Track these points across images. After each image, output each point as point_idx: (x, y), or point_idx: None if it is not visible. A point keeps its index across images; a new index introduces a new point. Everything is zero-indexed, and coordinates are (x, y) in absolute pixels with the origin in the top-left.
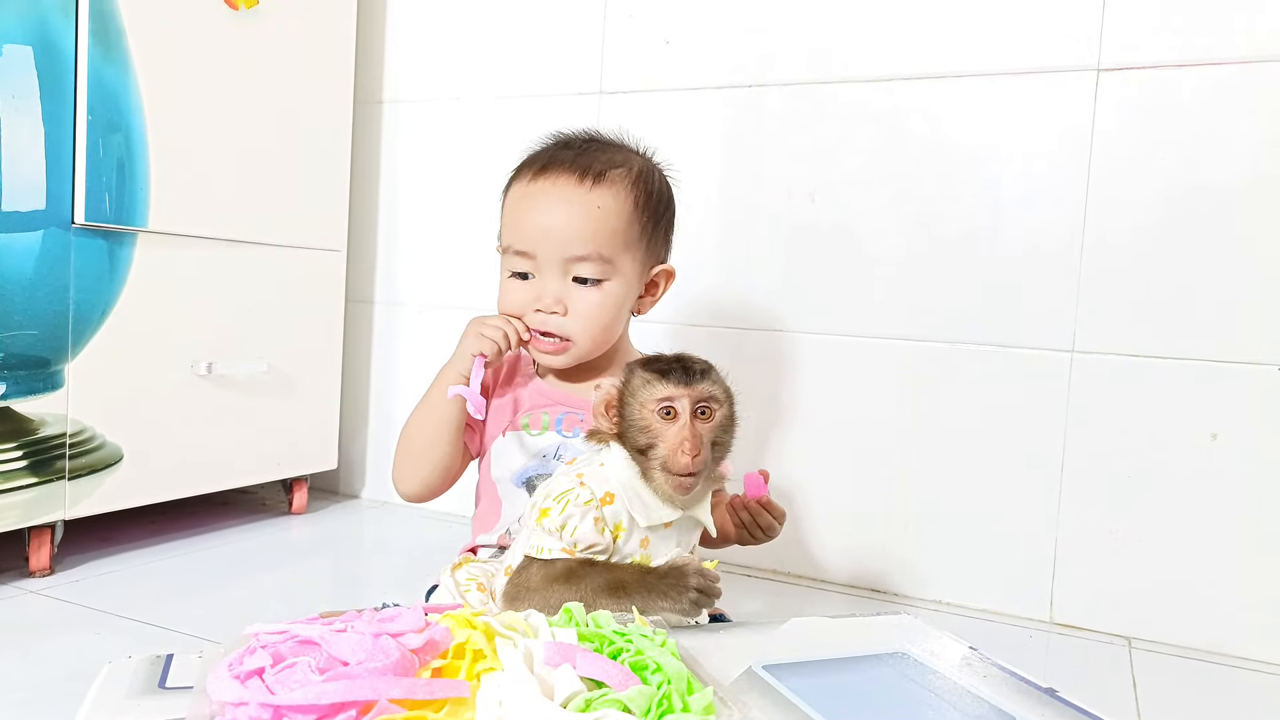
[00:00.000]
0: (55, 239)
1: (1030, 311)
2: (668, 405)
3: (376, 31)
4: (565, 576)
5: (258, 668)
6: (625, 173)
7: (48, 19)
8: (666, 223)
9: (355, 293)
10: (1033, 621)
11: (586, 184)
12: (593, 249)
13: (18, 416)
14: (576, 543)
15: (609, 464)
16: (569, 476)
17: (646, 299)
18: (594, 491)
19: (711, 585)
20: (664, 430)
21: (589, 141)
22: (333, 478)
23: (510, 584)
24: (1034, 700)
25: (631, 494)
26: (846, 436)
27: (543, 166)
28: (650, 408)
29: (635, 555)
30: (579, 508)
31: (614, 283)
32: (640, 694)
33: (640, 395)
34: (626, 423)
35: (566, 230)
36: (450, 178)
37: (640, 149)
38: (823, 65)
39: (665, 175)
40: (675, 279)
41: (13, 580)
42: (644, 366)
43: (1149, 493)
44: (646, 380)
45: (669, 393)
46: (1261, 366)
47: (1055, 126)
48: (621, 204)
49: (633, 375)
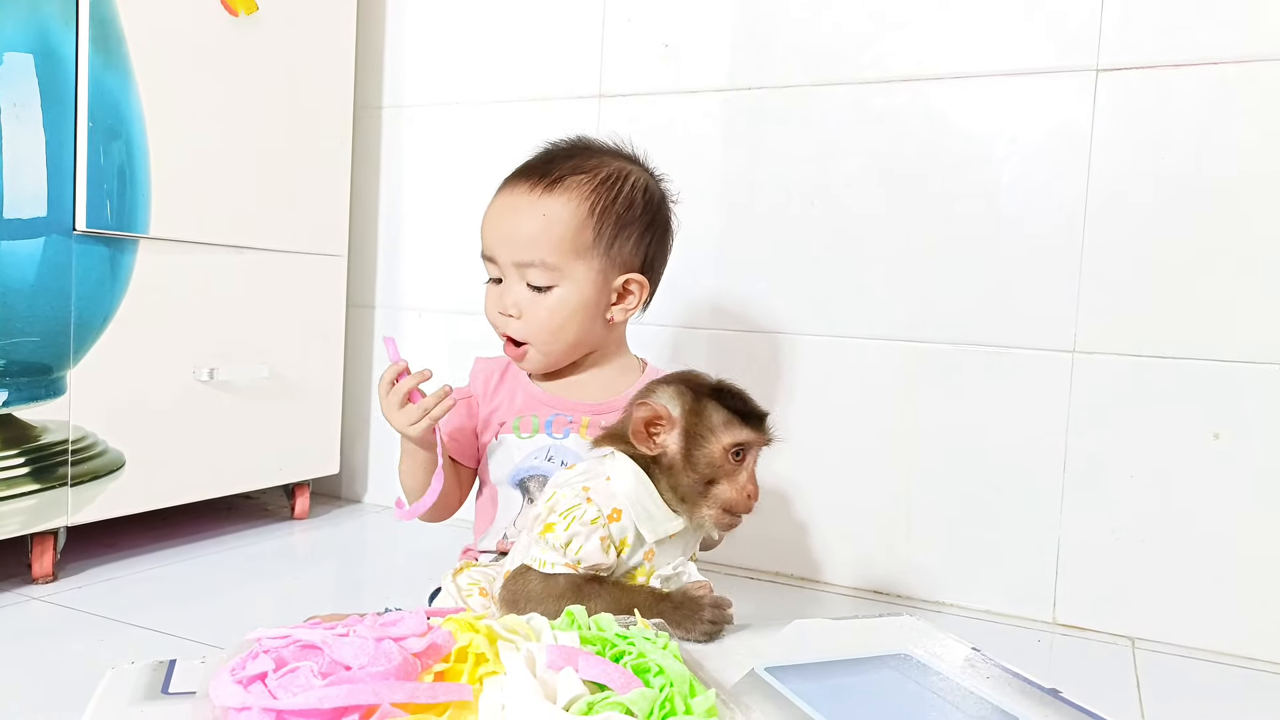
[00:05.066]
0: (57, 246)
1: (1031, 312)
2: (742, 449)
3: (376, 37)
4: (572, 593)
5: (260, 672)
6: (588, 179)
7: (48, 27)
8: (640, 230)
9: (356, 297)
10: (1035, 622)
11: (537, 191)
12: (536, 255)
13: (20, 423)
14: (580, 561)
15: (615, 476)
16: (575, 491)
17: (618, 307)
18: (601, 509)
19: (724, 614)
20: (733, 472)
21: (575, 148)
22: (335, 483)
23: (508, 590)
24: (1037, 701)
25: (639, 509)
26: (848, 438)
27: (510, 177)
28: (726, 446)
29: (640, 564)
30: (585, 526)
31: (563, 289)
32: (643, 696)
33: (720, 434)
34: (692, 454)
35: (514, 237)
36: (450, 182)
37: (632, 154)
38: (821, 67)
39: (654, 183)
40: (649, 292)
41: (16, 587)
42: (718, 400)
43: (1151, 493)
44: (728, 421)
45: (748, 439)
46: (1263, 365)
47: (1054, 127)
48: (573, 210)
49: (707, 407)
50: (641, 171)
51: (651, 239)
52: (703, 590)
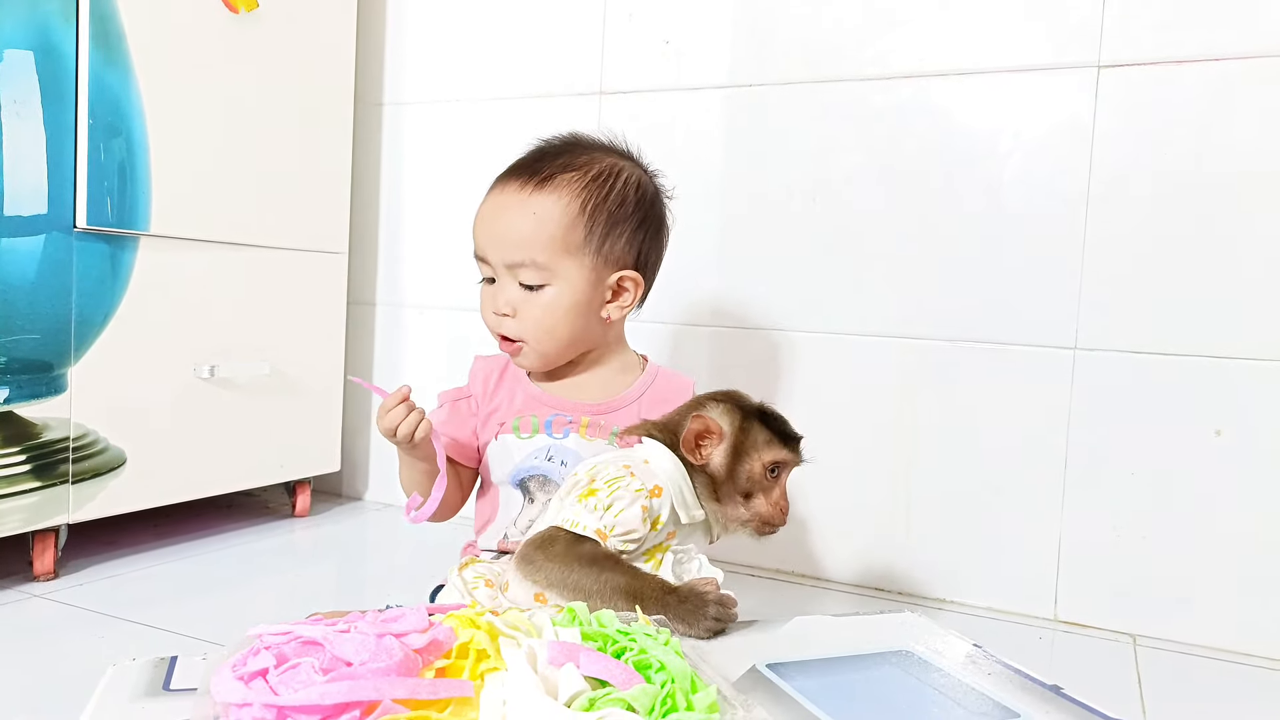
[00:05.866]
0: (57, 243)
1: (1032, 309)
2: (778, 467)
3: (376, 33)
4: (589, 560)
5: (261, 669)
6: (579, 176)
7: (49, 24)
8: (634, 226)
9: (357, 295)
10: (1037, 619)
11: (527, 190)
12: (526, 255)
13: (21, 421)
14: (615, 525)
15: (654, 460)
16: (616, 465)
17: (613, 305)
18: (644, 482)
19: (727, 612)
20: (769, 487)
21: (565, 145)
22: (336, 480)
23: (529, 546)
24: (1039, 697)
25: (676, 491)
26: (849, 434)
27: (501, 175)
28: (765, 463)
29: (662, 543)
30: (629, 493)
31: (555, 288)
32: (644, 693)
33: (762, 451)
34: (735, 468)
35: (504, 237)
36: (450, 179)
37: (625, 150)
38: (822, 64)
39: (647, 179)
40: (644, 289)
41: (17, 584)
42: (764, 423)
43: (1153, 489)
44: (770, 440)
45: (786, 458)
46: (1265, 362)
47: (1056, 123)
48: (564, 209)
49: (753, 428)
50: (634, 167)
51: (645, 235)
52: (709, 587)
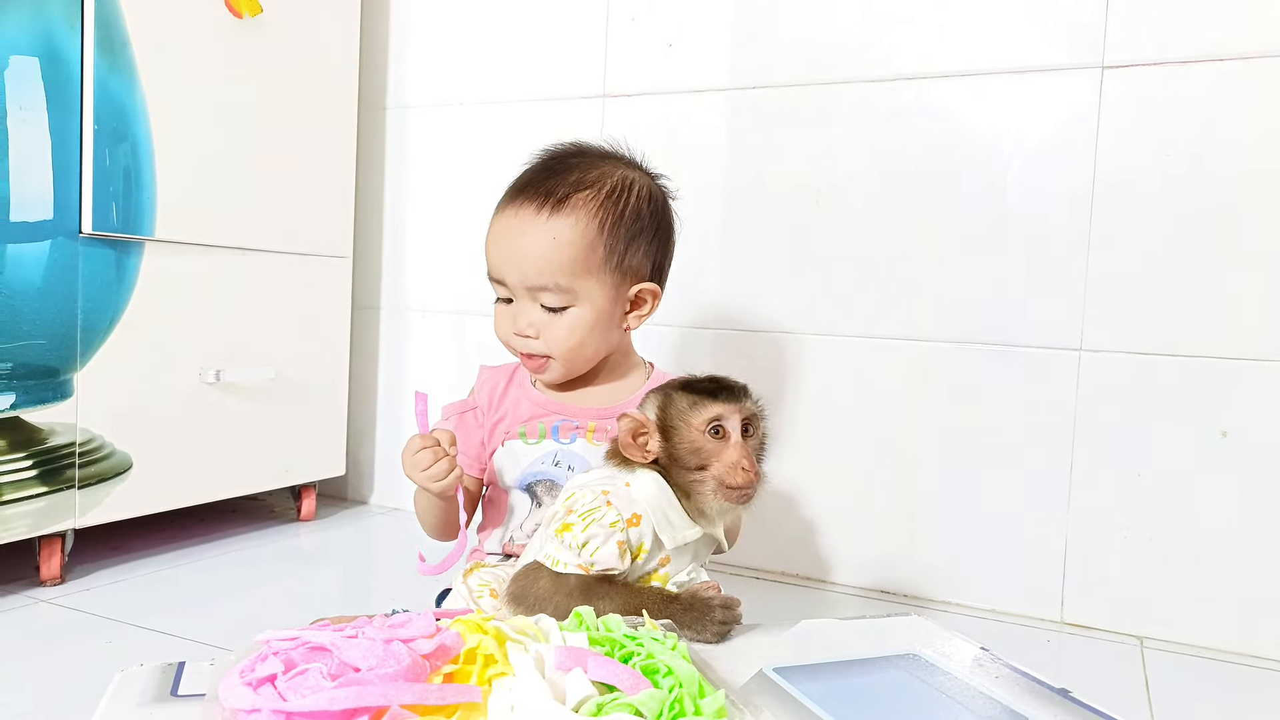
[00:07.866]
0: (63, 249)
1: (1037, 310)
2: (718, 424)
3: (380, 37)
4: (581, 593)
5: (270, 674)
6: (593, 194)
7: (53, 30)
8: (649, 238)
9: (361, 299)
10: (1044, 621)
11: (545, 213)
12: (550, 280)
13: (27, 426)
14: (594, 564)
15: (636, 483)
16: (594, 493)
17: (633, 315)
18: (620, 512)
19: (734, 613)
20: (717, 449)
21: (572, 158)
22: (341, 484)
23: (517, 585)
24: (1047, 701)
25: (660, 516)
26: (854, 437)
27: (512, 194)
28: (700, 428)
29: (655, 570)
30: (604, 529)
31: (579, 309)
32: (652, 697)
33: (689, 417)
34: (674, 447)
35: (525, 262)
36: (455, 182)
37: (632, 159)
38: (825, 66)
39: (656, 187)
40: (661, 297)
41: (24, 589)
42: (685, 389)
43: (1159, 491)
44: (694, 402)
45: (719, 411)
46: (1271, 363)
47: (1060, 124)
48: (583, 230)
49: (673, 399)
50: (643, 176)
51: (659, 245)
52: (711, 591)
